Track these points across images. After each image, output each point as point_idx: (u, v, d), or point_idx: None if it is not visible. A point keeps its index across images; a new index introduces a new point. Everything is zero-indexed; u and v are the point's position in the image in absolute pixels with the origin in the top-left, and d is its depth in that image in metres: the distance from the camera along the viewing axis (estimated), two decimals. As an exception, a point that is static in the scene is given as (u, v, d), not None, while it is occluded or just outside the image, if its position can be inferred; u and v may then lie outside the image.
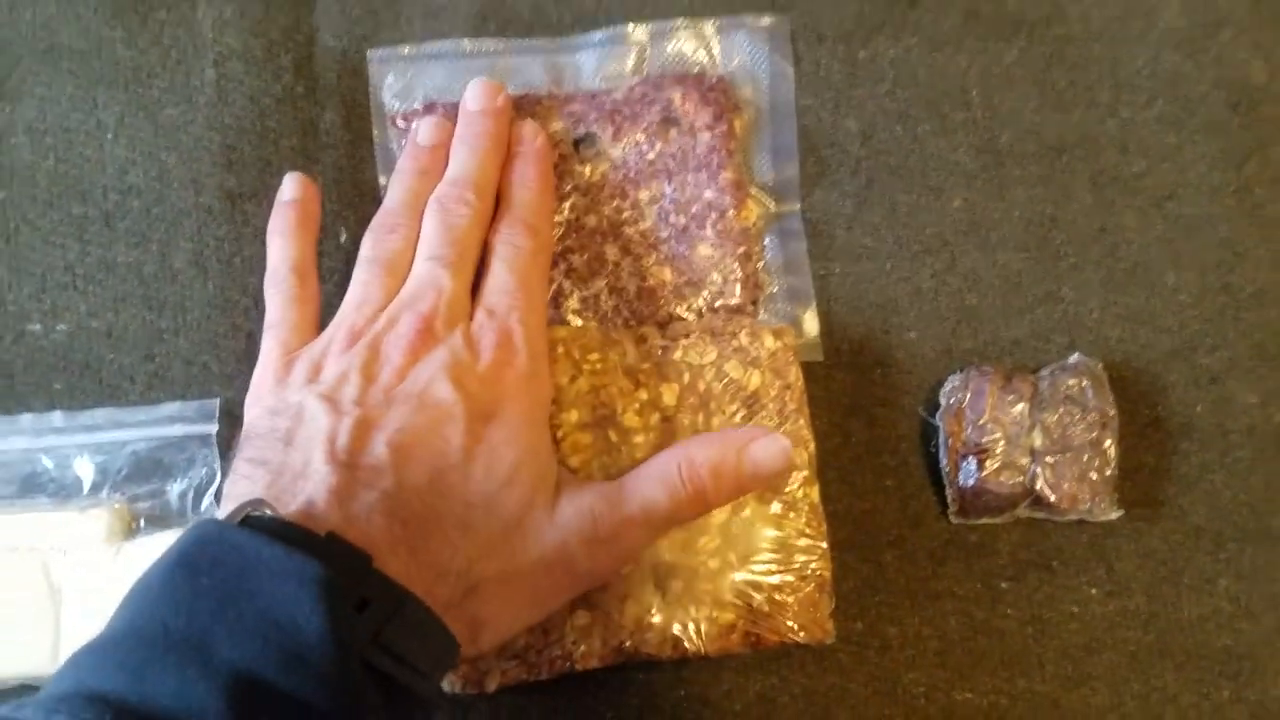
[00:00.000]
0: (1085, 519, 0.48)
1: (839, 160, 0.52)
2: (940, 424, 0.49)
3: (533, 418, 0.42)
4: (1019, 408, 0.48)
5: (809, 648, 0.47)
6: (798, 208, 0.52)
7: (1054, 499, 0.47)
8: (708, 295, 0.50)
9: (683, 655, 0.46)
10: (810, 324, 0.51)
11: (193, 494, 0.48)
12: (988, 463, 0.47)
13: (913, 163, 0.52)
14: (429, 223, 0.45)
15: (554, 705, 0.47)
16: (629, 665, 0.46)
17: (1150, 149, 0.52)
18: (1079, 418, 0.47)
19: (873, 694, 0.47)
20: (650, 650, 0.45)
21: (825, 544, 0.46)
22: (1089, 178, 0.52)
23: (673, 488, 0.42)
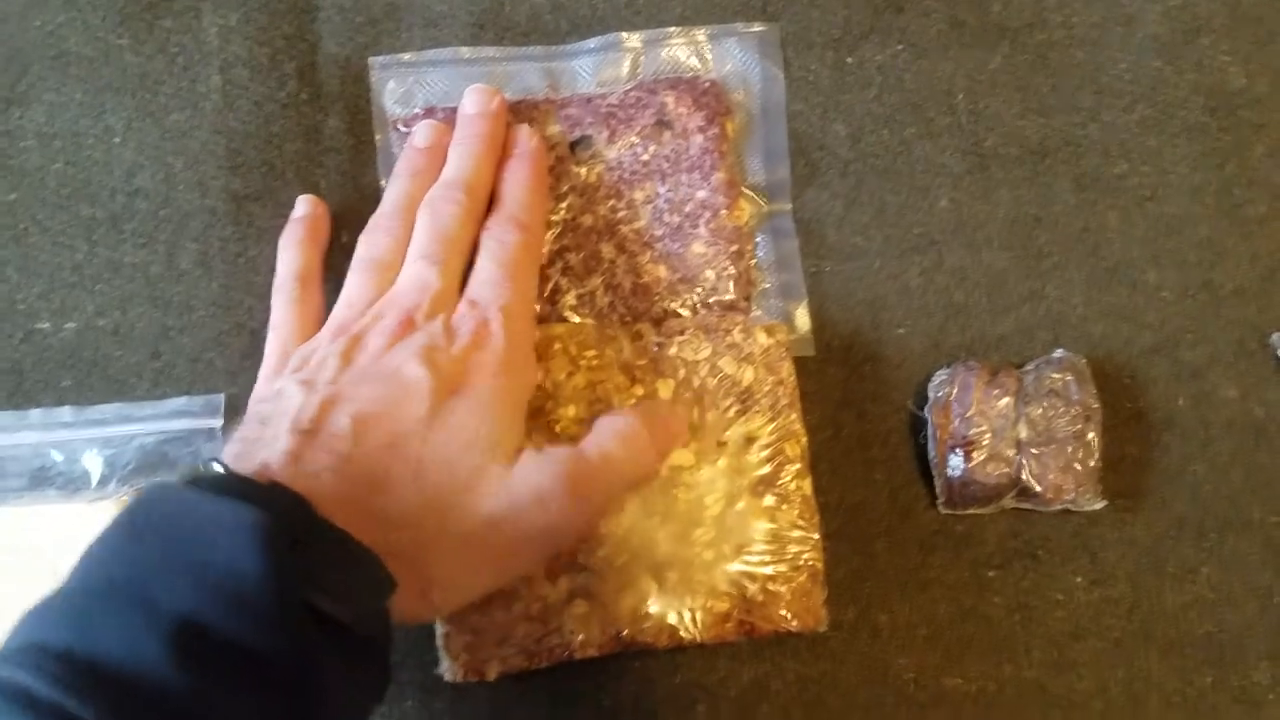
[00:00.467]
0: (1070, 509, 0.49)
1: (829, 162, 0.53)
2: (928, 417, 0.50)
3: (504, 397, 0.43)
4: (1004, 401, 0.49)
5: (802, 635, 0.48)
6: (789, 207, 0.53)
7: (1039, 489, 0.48)
8: (701, 292, 0.52)
9: (679, 644, 0.47)
10: (802, 320, 0.52)
11: (198, 487, 0.49)
12: (975, 454, 0.48)
13: (900, 165, 0.53)
14: (420, 222, 0.47)
15: (553, 692, 0.48)
16: (626, 654, 0.47)
17: (1131, 151, 0.53)
18: (1063, 411, 0.48)
19: (864, 680, 0.48)
20: (647, 639, 0.46)
21: (818, 535, 0.47)
22: (1072, 179, 0.53)
23: (626, 436, 0.44)
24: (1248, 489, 0.50)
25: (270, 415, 0.41)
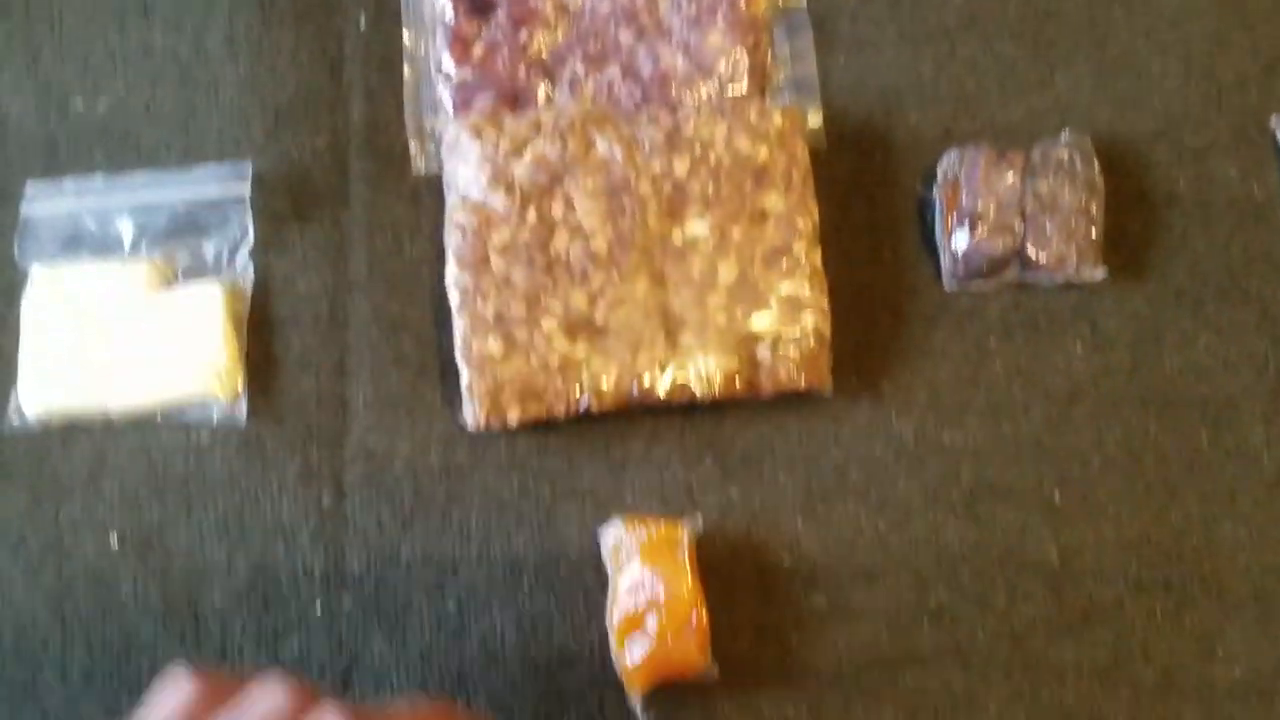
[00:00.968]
0: (1072, 281, 0.50)
1: (844, -45, 0.54)
2: (937, 195, 0.51)
3: None
4: (1011, 177, 0.50)
5: (806, 399, 0.49)
6: (804, 2, 0.54)
7: (1042, 260, 0.49)
8: (716, 84, 0.53)
9: (690, 401, 0.48)
10: (815, 114, 0.54)
11: (226, 250, 0.51)
12: (980, 227, 0.50)
13: (914, -43, 0.54)
14: None
15: (567, 445, 0.50)
16: (638, 411, 0.49)
17: (1139, -52, 0.55)
18: (1067, 185, 0.50)
19: (864, 437, 0.50)
20: (660, 394, 0.48)
21: (826, 302, 0.49)
22: (1081, -28, 0.54)
23: None
24: (1245, 263, 0.51)
25: None
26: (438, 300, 0.50)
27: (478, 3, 0.53)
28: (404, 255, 0.52)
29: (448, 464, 0.49)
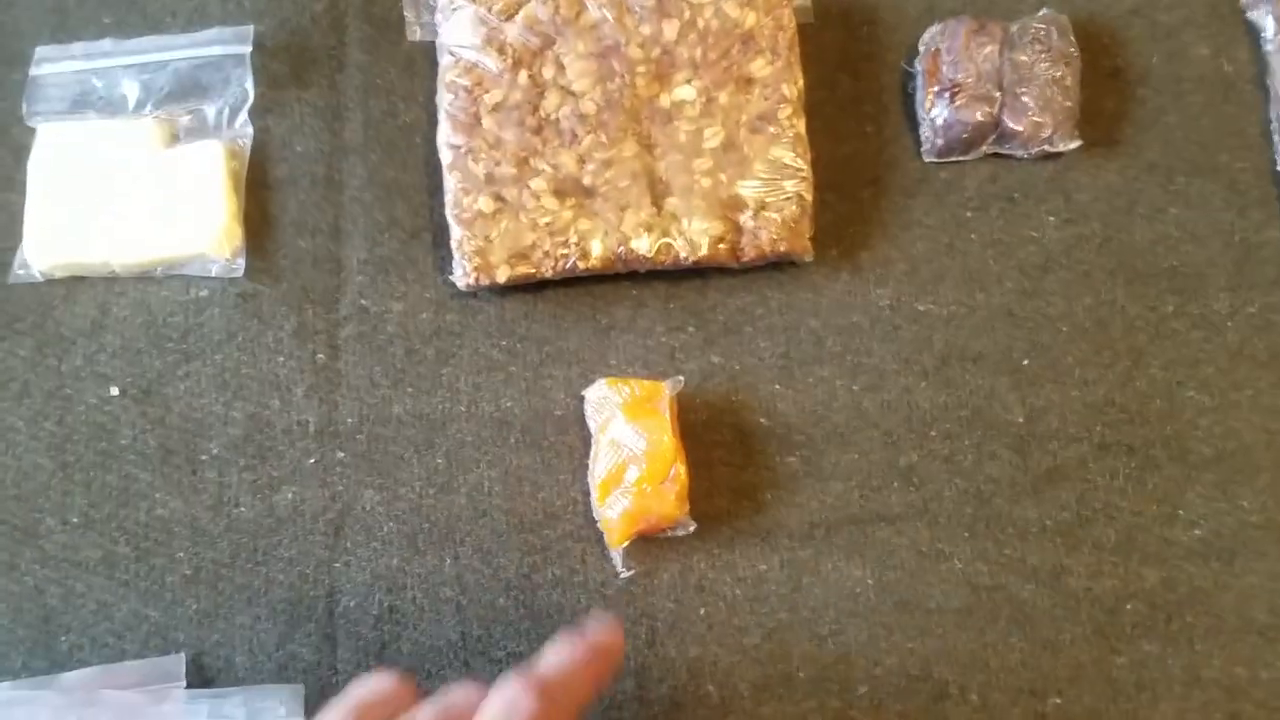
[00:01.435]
0: (1047, 150, 0.52)
1: None
2: (919, 68, 0.53)
3: None
4: (990, 49, 0.51)
5: (786, 269, 0.51)
6: (796, -117, 0.55)
7: (1019, 129, 0.51)
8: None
9: (675, 263, 0.50)
10: (803, -14, 0.54)
11: (228, 111, 0.52)
12: (959, 97, 0.51)
13: None
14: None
15: (555, 306, 0.51)
16: (624, 277, 0.51)
17: None
18: (1044, 56, 0.51)
19: (843, 306, 0.51)
20: (644, 254, 0.50)
21: (809, 169, 0.50)
22: None
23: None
24: (1216, 137, 0.53)
25: None
26: (431, 166, 0.52)
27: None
28: (399, 120, 0.53)
29: (439, 325, 0.51)
